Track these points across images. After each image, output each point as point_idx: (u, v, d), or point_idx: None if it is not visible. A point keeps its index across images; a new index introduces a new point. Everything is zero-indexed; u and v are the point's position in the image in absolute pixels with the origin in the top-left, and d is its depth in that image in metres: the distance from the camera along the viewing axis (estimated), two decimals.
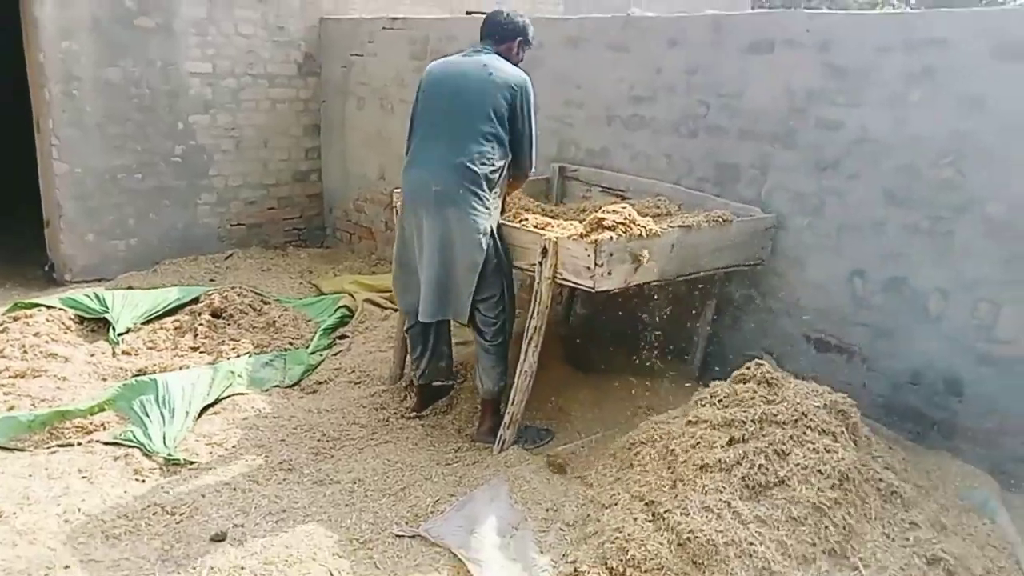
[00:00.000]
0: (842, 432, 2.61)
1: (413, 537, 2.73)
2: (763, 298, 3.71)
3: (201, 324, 4.35)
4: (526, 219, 3.36)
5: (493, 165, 3.17)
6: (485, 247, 3.15)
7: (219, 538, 2.70)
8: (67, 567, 2.54)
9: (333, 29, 6.10)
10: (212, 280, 5.39)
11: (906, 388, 3.31)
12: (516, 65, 3.35)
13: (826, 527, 2.34)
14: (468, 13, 7.89)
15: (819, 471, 2.45)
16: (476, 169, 3.14)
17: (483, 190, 3.15)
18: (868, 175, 3.26)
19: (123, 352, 4.16)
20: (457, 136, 3.17)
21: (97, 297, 4.52)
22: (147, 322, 4.46)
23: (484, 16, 3.51)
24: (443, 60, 3.41)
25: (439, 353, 3.49)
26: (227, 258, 5.88)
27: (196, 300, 4.61)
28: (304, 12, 6.07)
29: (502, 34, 3.35)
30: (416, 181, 3.24)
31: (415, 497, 2.94)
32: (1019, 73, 2.83)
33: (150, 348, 4.24)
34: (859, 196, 3.30)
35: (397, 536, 2.74)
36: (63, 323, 4.33)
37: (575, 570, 2.45)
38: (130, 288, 4.97)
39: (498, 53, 3.31)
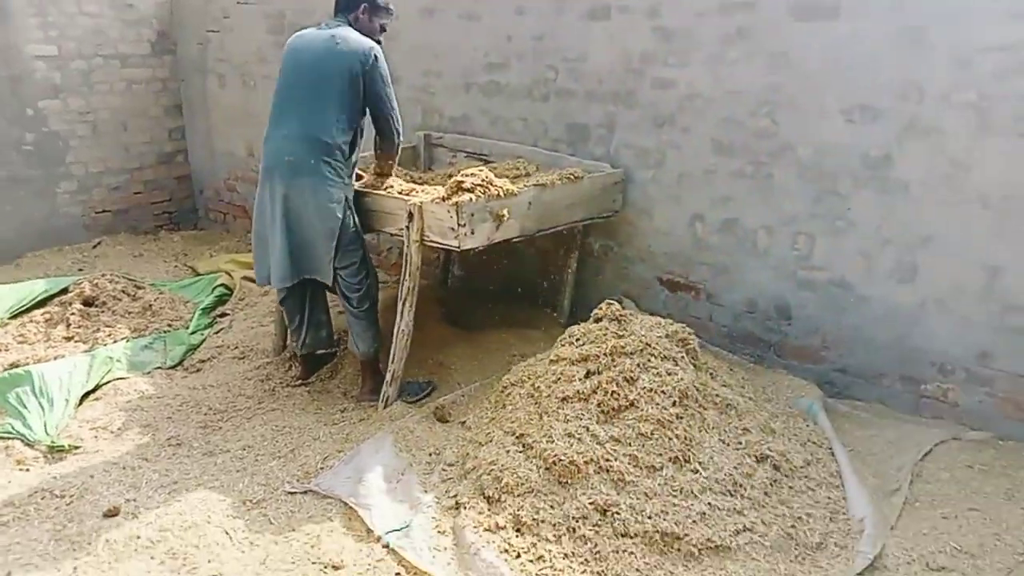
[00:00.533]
0: (682, 357, 2.96)
1: (305, 493, 2.89)
2: (619, 247, 4.04)
3: (73, 314, 4.28)
4: (391, 186, 3.53)
5: (344, 136, 3.29)
6: (340, 215, 3.29)
7: (112, 513, 2.78)
8: None
9: (185, 5, 5.97)
10: (81, 270, 5.26)
11: (745, 317, 3.72)
12: (372, 34, 3.43)
13: (670, 439, 2.68)
14: None
15: (662, 392, 2.78)
16: (327, 140, 3.26)
17: (336, 160, 3.28)
18: (698, 128, 3.61)
19: None
20: (309, 108, 3.29)
21: None
22: (14, 316, 4.34)
23: None
24: (297, 34, 3.48)
25: (317, 322, 3.62)
26: (95, 247, 5.74)
27: (65, 290, 4.51)
28: None
29: (347, 3, 3.42)
30: (271, 154, 3.36)
31: (304, 457, 3.10)
32: (813, 30, 3.22)
33: (21, 342, 4.14)
34: (693, 148, 3.66)
35: (289, 493, 2.90)
36: None
37: (456, 503, 2.70)
38: None
39: (350, 24, 3.39)
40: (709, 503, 2.54)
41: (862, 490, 2.70)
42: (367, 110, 3.38)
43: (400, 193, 3.44)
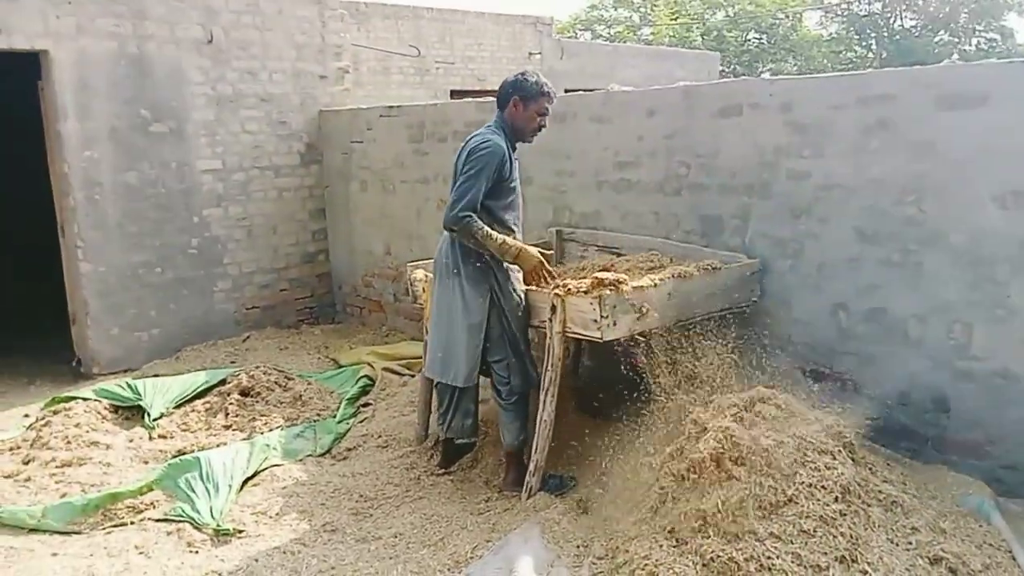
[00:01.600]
0: (839, 451, 2.87)
1: None
2: (758, 337, 4.00)
3: (231, 403, 4.60)
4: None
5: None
6: (483, 308, 3.46)
7: None
8: None
9: (332, 120, 6.53)
10: (233, 362, 5.65)
11: (897, 409, 3.57)
12: (529, 124, 3.50)
13: (834, 537, 2.58)
14: (452, 94, 8.37)
15: (822, 487, 2.70)
16: (453, 240, 3.49)
17: (467, 254, 3.46)
18: (838, 217, 3.60)
19: (159, 436, 4.39)
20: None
21: (129, 386, 4.76)
22: (178, 406, 4.69)
23: (477, 106, 3.84)
24: None
25: (464, 410, 3.74)
26: (244, 340, 6.16)
27: (223, 381, 4.86)
28: (304, 107, 6.51)
29: (500, 100, 3.55)
30: (435, 257, 3.67)
31: (454, 546, 3.16)
32: (960, 119, 3.20)
33: (184, 430, 4.47)
34: (833, 237, 3.63)
35: None
36: (99, 413, 4.56)
37: None
38: (157, 376, 5.22)
39: (507, 118, 3.52)
40: None
41: None
42: (499, 195, 3.45)
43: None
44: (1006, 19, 25.84)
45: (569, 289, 3.29)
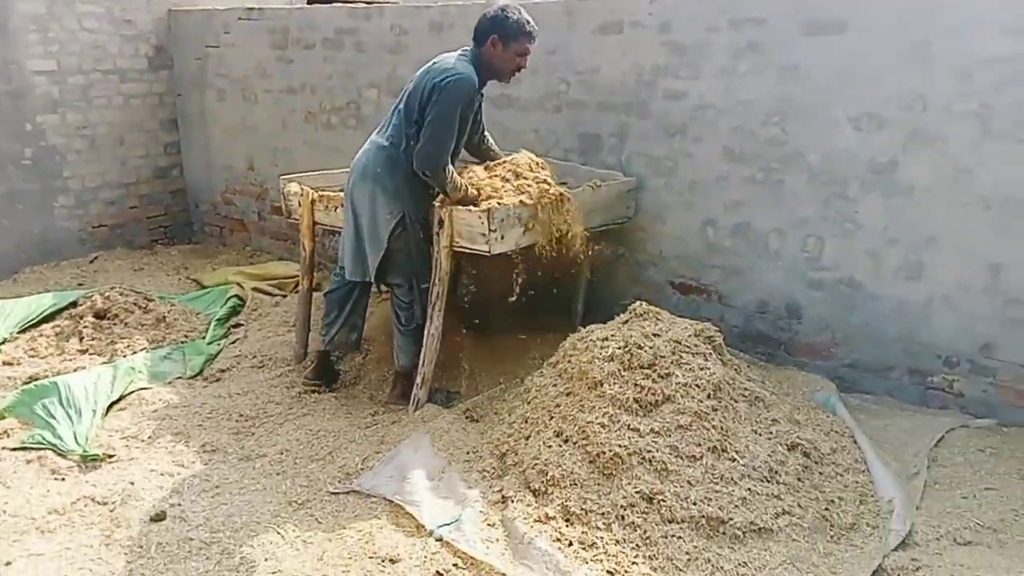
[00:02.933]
0: (710, 353, 3.10)
1: (348, 493, 2.95)
2: (631, 252, 4.18)
3: (86, 326, 4.28)
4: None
5: (402, 149, 3.33)
6: (391, 224, 3.37)
7: (159, 517, 2.80)
8: (8, 563, 2.57)
9: (184, 20, 6.00)
10: (81, 284, 5.23)
11: (756, 317, 3.88)
12: (506, 66, 3.35)
13: (707, 430, 2.80)
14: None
15: (697, 386, 2.91)
16: (392, 152, 3.35)
17: (398, 170, 3.34)
18: (710, 137, 3.78)
19: (4, 363, 4.03)
20: (388, 123, 3.41)
21: None
22: (24, 331, 4.32)
23: (349, 12, 3.64)
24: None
25: (352, 324, 3.68)
26: (92, 261, 5.71)
27: (74, 304, 4.50)
28: (151, 5, 5.93)
29: (477, 36, 3.36)
30: (353, 162, 3.50)
31: (343, 459, 3.16)
32: (823, 44, 3.41)
33: (33, 355, 4.13)
34: (704, 156, 3.82)
35: (332, 494, 2.95)
36: None
37: (503, 497, 2.78)
38: None
39: (481, 56, 3.34)
40: (748, 489, 2.66)
41: (887, 473, 2.86)
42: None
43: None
44: None
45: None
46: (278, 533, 2.72)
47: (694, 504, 2.59)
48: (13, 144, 5.36)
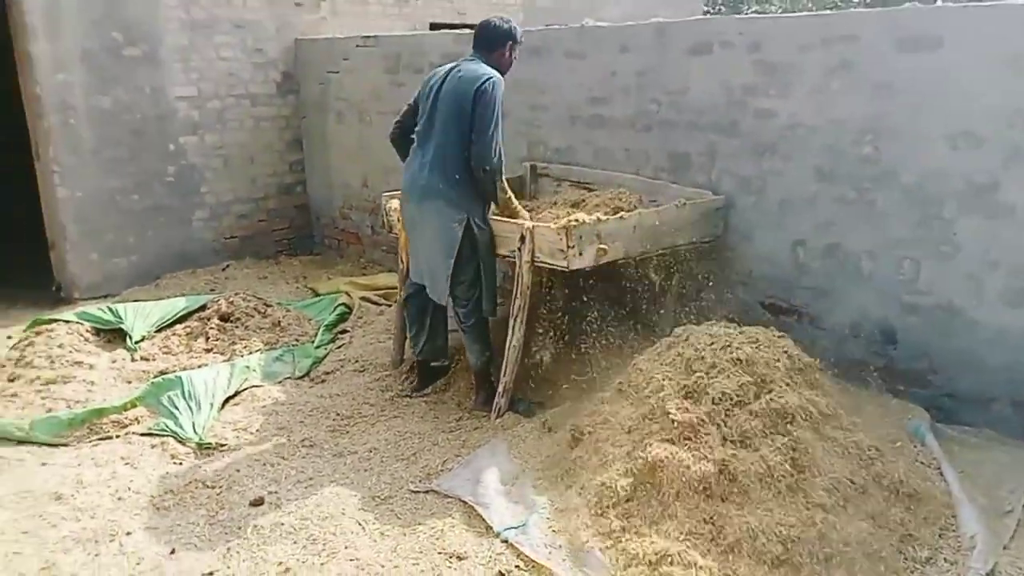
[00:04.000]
0: (793, 375, 3.06)
1: (427, 492, 3.14)
2: (721, 271, 4.17)
3: (212, 328, 4.72)
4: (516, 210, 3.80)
5: (464, 155, 3.55)
6: (460, 229, 3.58)
7: (258, 503, 3.09)
8: (129, 533, 2.92)
9: (308, 49, 6.48)
10: (212, 290, 5.75)
11: (849, 340, 3.78)
12: (508, 67, 3.73)
13: (779, 453, 2.76)
14: (432, 27, 8.32)
15: (774, 409, 2.88)
16: (449, 162, 3.56)
17: (457, 179, 3.56)
18: (800, 156, 3.73)
19: (141, 357, 4.51)
20: (438, 138, 3.61)
21: (110, 310, 4.85)
22: (160, 330, 4.80)
23: (454, 39, 3.92)
24: (432, 72, 3.79)
25: (434, 333, 3.90)
26: (224, 269, 6.25)
27: (203, 307, 4.96)
28: (280, 35, 6.45)
29: (490, 43, 3.67)
30: (407, 181, 3.72)
31: (425, 460, 3.36)
32: (918, 61, 3.32)
33: (165, 352, 4.60)
34: (794, 175, 3.78)
35: (413, 492, 3.15)
36: (81, 335, 4.65)
37: (569, 506, 2.88)
38: (138, 301, 5.31)
39: (492, 59, 3.66)
40: (821, 515, 2.62)
41: (972, 509, 2.74)
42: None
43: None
44: None
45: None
46: (359, 524, 2.94)
47: (760, 528, 2.59)
48: (159, 163, 5.97)
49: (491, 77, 3.53)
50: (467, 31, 5.48)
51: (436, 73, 3.73)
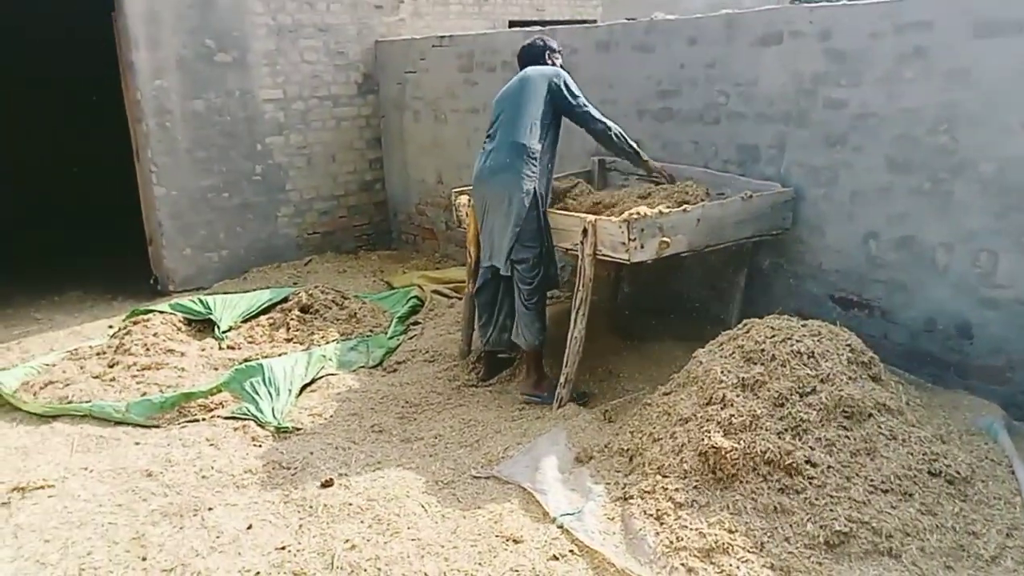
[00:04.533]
0: (855, 368, 3.01)
1: (488, 478, 3.24)
2: (789, 264, 4.11)
3: (292, 319, 4.96)
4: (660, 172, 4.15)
5: (536, 142, 3.82)
6: (526, 201, 3.75)
7: (328, 484, 3.26)
8: (211, 509, 3.13)
9: (387, 50, 6.69)
10: (295, 283, 6.02)
11: (922, 335, 3.67)
12: None
13: (843, 442, 2.75)
14: (510, 24, 8.42)
15: (836, 403, 2.85)
16: (523, 143, 3.79)
17: (530, 160, 3.78)
18: (872, 146, 3.64)
19: (228, 346, 4.79)
20: (509, 125, 3.83)
21: (201, 301, 5.17)
22: (245, 320, 5.08)
23: (525, 35, 4.04)
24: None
25: (502, 325, 3.99)
26: (306, 264, 6.53)
27: (286, 299, 5.22)
28: (360, 37, 6.69)
29: (535, 59, 4.09)
30: (476, 170, 3.93)
31: (488, 447, 3.46)
32: (996, 47, 3.19)
33: (250, 342, 4.86)
34: (866, 166, 3.68)
35: (475, 477, 3.25)
36: (174, 325, 4.98)
37: (624, 495, 2.93)
38: (226, 293, 5.63)
39: None
40: (880, 506, 2.59)
41: None
42: (559, 121, 3.96)
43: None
44: None
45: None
46: (422, 506, 3.06)
47: (819, 516, 2.57)
48: (247, 162, 6.30)
49: (554, 71, 3.94)
50: (537, 27, 5.56)
51: (504, 89, 4.03)
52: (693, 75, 4.34)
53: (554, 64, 4.09)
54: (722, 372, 3.08)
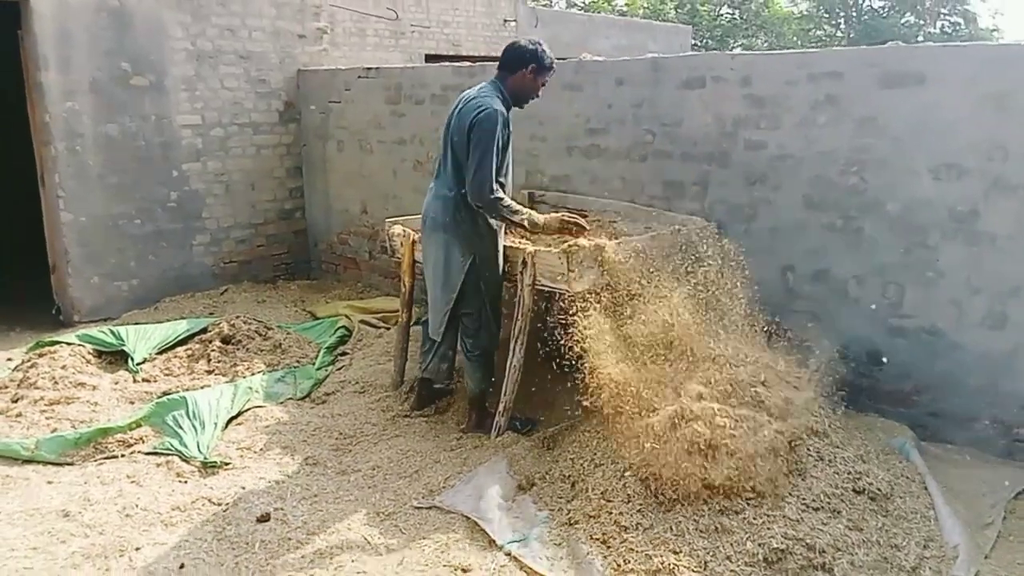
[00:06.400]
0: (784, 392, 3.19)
1: (430, 508, 3.22)
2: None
3: (213, 350, 4.79)
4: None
5: (462, 192, 3.58)
6: (463, 269, 3.66)
7: (264, 519, 3.16)
8: (138, 549, 2.97)
9: (311, 79, 6.64)
10: (212, 313, 5.81)
11: (837, 362, 3.90)
12: (530, 93, 3.68)
13: (774, 463, 2.89)
14: (427, 58, 8.51)
15: (767, 422, 3.01)
16: (457, 198, 3.62)
17: (460, 217, 3.62)
18: (789, 186, 3.89)
19: (143, 379, 4.57)
20: (442, 168, 3.73)
21: (112, 332, 4.92)
22: (161, 352, 4.87)
23: (454, 70, 4.06)
24: (456, 99, 3.76)
25: (442, 355, 3.97)
26: (222, 293, 6.32)
27: (204, 330, 5.04)
28: (283, 65, 6.61)
29: (511, 63, 3.63)
30: (423, 208, 3.83)
31: (428, 477, 3.43)
32: (900, 97, 3.49)
33: (167, 374, 4.66)
34: (784, 203, 3.93)
35: (416, 508, 3.23)
36: (84, 357, 4.71)
37: (569, 520, 2.97)
38: (138, 324, 5.38)
39: (510, 82, 3.64)
40: (812, 523, 2.73)
41: (955, 520, 2.85)
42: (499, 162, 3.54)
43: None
44: (969, 3, 26.44)
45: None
46: (365, 539, 3.01)
47: (755, 535, 2.69)
48: (161, 189, 6.08)
49: (483, 109, 3.47)
50: (466, 63, 5.66)
51: (456, 101, 3.72)
52: (621, 114, 4.53)
53: (533, 82, 3.65)
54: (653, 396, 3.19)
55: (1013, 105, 3.21)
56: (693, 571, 2.62)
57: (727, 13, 28.24)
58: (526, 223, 3.59)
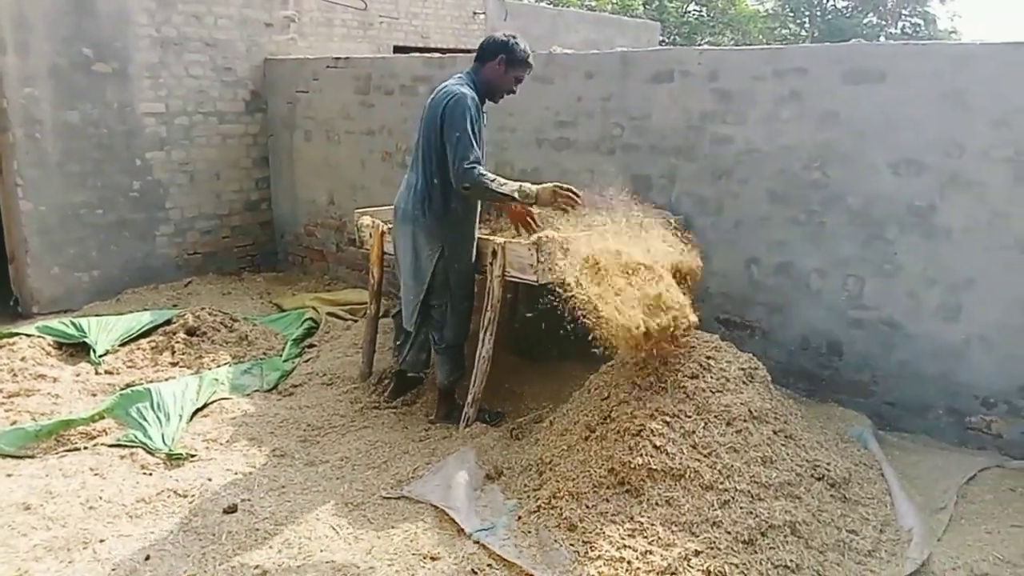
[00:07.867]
0: (747, 382, 3.24)
1: (399, 498, 3.22)
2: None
3: (177, 342, 4.73)
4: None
5: (436, 182, 3.57)
6: (432, 261, 3.65)
7: (231, 510, 3.13)
8: (102, 541, 2.93)
9: (278, 68, 6.57)
10: (175, 305, 5.73)
11: (799, 353, 4.00)
12: (503, 86, 3.63)
13: (735, 453, 2.95)
14: (395, 49, 8.47)
15: (728, 412, 3.07)
16: (425, 188, 3.61)
17: (431, 207, 3.61)
18: (754, 180, 3.96)
19: (106, 371, 4.50)
20: (415, 160, 3.72)
21: (73, 324, 4.84)
22: (124, 344, 4.80)
23: (424, 62, 4.04)
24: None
25: (420, 345, 3.95)
26: (186, 285, 6.24)
27: (168, 322, 4.98)
28: (249, 54, 6.53)
29: (483, 54, 3.61)
30: (396, 200, 3.81)
31: (396, 468, 3.44)
32: (862, 93, 3.57)
33: (130, 366, 4.60)
34: (749, 197, 4.00)
35: (385, 498, 3.23)
36: (43, 349, 4.64)
37: (537, 507, 3.00)
38: (99, 315, 5.28)
39: (483, 73, 3.62)
40: (769, 509, 2.79)
41: (910, 505, 2.94)
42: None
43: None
44: (929, 5, 27.06)
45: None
46: (334, 529, 3.01)
47: (715, 521, 2.74)
48: (124, 178, 5.97)
49: (453, 95, 3.45)
50: (436, 55, 5.65)
51: (431, 93, 3.70)
52: (590, 108, 4.56)
53: (506, 75, 3.60)
54: (618, 385, 3.24)
55: (970, 103, 3.31)
56: (661, 555, 2.66)
57: (694, 10, 28.49)
58: (517, 195, 3.48)
